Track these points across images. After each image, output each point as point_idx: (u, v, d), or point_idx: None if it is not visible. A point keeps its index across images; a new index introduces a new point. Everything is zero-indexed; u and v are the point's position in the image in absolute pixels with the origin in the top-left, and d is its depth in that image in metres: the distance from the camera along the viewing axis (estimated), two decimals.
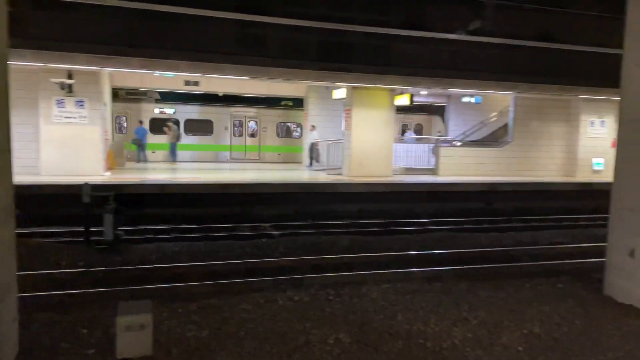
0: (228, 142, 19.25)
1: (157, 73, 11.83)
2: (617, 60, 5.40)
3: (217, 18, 10.15)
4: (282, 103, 20.12)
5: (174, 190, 11.14)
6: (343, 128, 14.75)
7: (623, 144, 5.35)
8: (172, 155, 17.37)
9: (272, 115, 19.70)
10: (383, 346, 4.31)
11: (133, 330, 3.73)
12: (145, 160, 17.14)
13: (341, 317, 4.93)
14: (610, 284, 5.50)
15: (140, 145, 17.05)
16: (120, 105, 17.70)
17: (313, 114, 17.85)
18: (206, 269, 7.02)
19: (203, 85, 16.53)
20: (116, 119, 17.79)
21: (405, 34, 10.73)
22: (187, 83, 16.31)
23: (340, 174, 14.55)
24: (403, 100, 13.94)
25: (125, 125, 18.28)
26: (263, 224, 10.49)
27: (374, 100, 13.80)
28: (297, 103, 19.39)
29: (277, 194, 11.84)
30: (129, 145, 17.00)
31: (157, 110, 18.50)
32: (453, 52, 11.76)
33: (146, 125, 17.83)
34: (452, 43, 11.37)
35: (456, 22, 10.83)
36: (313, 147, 16.69)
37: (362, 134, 13.94)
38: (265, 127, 19.58)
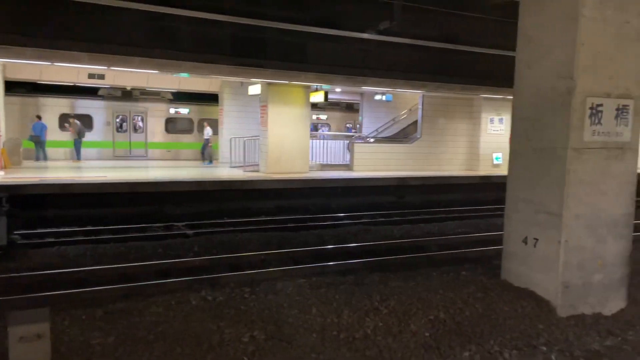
0: (111, 139, 18.21)
1: (59, 64, 11.01)
2: (513, 62, 5.82)
3: (124, 9, 9.64)
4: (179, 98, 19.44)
5: (77, 190, 10.45)
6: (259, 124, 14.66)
7: (516, 139, 5.79)
8: (77, 153, 16.30)
9: (162, 111, 18.91)
10: (297, 340, 4.35)
11: (28, 341, 3.46)
12: (45, 159, 15.92)
13: (256, 314, 4.90)
14: (507, 270, 5.92)
15: (39, 142, 15.80)
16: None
17: (228, 109, 17.56)
18: (114, 273, 6.68)
19: (109, 78, 15.68)
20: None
21: (320, 32, 10.85)
22: (92, 76, 15.38)
23: (257, 171, 14.46)
24: (318, 97, 14.12)
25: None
26: (176, 224, 10.16)
27: (290, 96, 13.85)
28: (207, 98, 18.93)
29: (191, 192, 11.52)
30: (27, 142, 15.70)
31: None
32: (366, 51, 12.08)
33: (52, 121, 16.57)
34: (365, 42, 11.67)
35: (367, 22, 11.12)
36: (206, 144, 16.41)
37: (279, 131, 13.94)
38: (153, 123, 18.74)
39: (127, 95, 18.50)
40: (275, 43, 10.93)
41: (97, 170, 13.92)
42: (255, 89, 14.37)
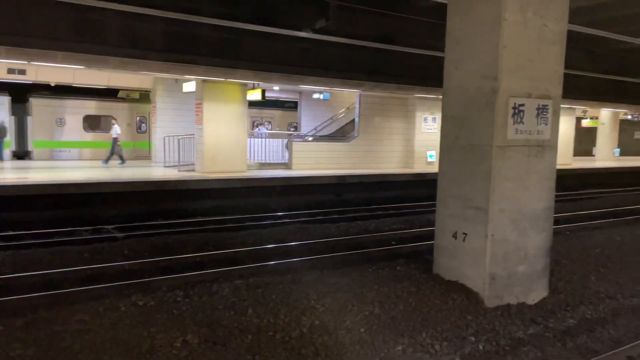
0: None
1: None
2: (443, 63, 6.00)
3: (46, 0, 9.09)
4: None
5: None
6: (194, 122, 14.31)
7: (445, 137, 5.99)
8: None
9: (76, 107, 17.90)
10: (232, 343, 4.27)
11: None
12: None
13: (190, 317, 4.77)
14: (439, 264, 6.11)
15: None
16: None
17: (162, 107, 17.01)
18: (36, 280, 6.27)
19: (31, 74, 14.75)
20: None
21: (256, 29, 10.70)
22: (11, 71, 14.40)
23: (193, 170, 14.11)
24: (255, 95, 13.98)
25: None
26: (106, 226, 9.71)
27: (226, 94, 13.62)
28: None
29: (122, 193, 11.05)
30: None
31: None
32: (303, 50, 12.08)
33: None
34: (302, 40, 11.66)
35: (304, 20, 11.11)
36: (114, 143, 15.71)
37: (215, 129, 13.68)
38: (63, 120, 17.75)
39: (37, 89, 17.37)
40: (209, 39, 10.69)
41: (20, 171, 13.06)
42: (189, 86, 14.01)
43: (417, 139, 17.48)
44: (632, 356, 4.69)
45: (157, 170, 14.42)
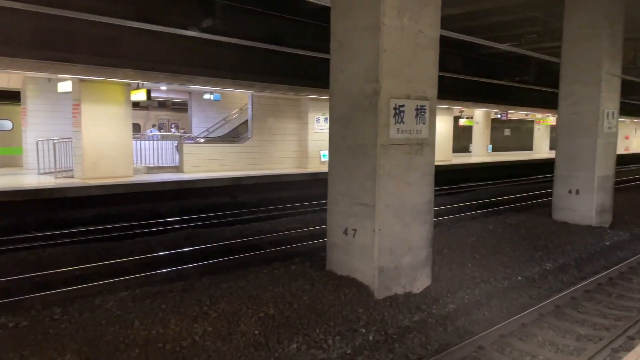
0: None
1: None
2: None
3: None
4: None
5: None
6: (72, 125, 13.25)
7: (333, 137, 6.16)
8: None
9: None
10: (117, 358, 4.02)
11: None
12: None
13: (69, 336, 4.41)
14: (332, 260, 6.26)
15: None
16: None
17: (33, 109, 15.51)
18: None
19: None
20: None
21: (138, 26, 10.15)
22: None
23: (71, 177, 13.05)
24: (140, 95, 13.29)
25: None
26: None
27: (107, 94, 12.79)
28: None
29: None
30: None
31: None
32: (190, 49, 11.67)
33: None
34: (189, 39, 11.26)
35: (190, 19, 10.76)
36: None
37: (95, 132, 12.78)
38: None
39: None
40: (86, 36, 9.93)
41: None
42: (65, 85, 12.93)
43: (310, 139, 17.77)
44: (503, 334, 5.17)
45: (29, 178, 13.13)
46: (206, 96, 16.95)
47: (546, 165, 19.64)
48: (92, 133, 12.73)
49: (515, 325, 5.35)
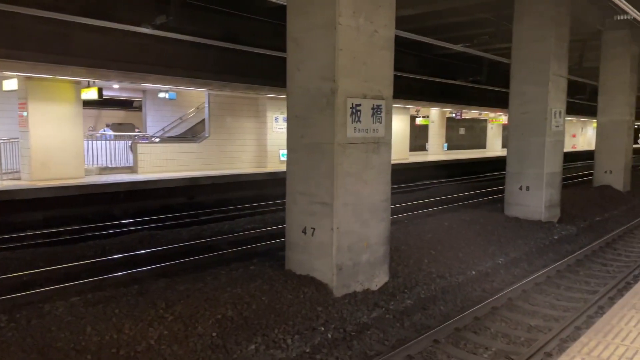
0: None
1: None
2: None
3: None
4: None
5: None
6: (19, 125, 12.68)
7: (291, 136, 6.13)
8: None
9: None
10: None
11: None
12: None
13: (16, 344, 4.21)
14: (291, 259, 6.24)
15: None
16: None
17: None
18: None
19: None
20: None
21: (88, 22, 9.80)
22: None
23: (19, 178, 12.49)
24: (91, 93, 12.86)
25: None
26: None
27: (56, 93, 12.31)
28: None
29: None
30: None
31: None
32: (143, 46, 11.37)
33: None
34: (142, 37, 10.98)
35: (142, 15, 10.49)
36: None
37: (44, 131, 12.28)
38: None
39: None
40: (32, 32, 9.51)
41: None
42: (11, 84, 12.35)
43: (269, 138, 17.69)
44: (458, 327, 5.31)
45: None
46: (161, 94, 16.58)
47: (499, 163, 20.31)
48: (40, 133, 12.22)
49: (470, 319, 5.50)
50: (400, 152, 22.72)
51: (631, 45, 14.87)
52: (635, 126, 21.08)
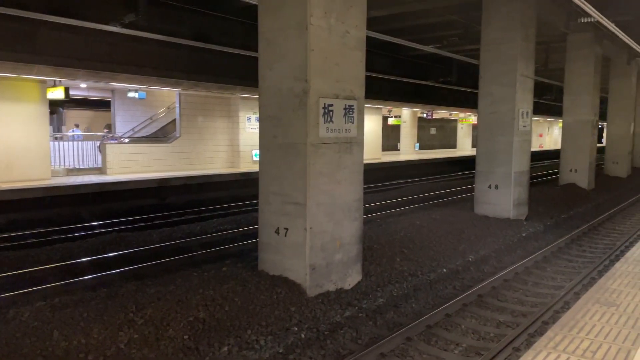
0: None
1: None
2: None
3: None
4: None
5: None
6: None
7: (263, 136, 6.11)
8: None
9: None
10: None
11: None
12: None
13: None
14: (264, 260, 6.22)
15: None
16: None
17: None
18: None
19: None
20: None
21: (54, 20, 9.56)
22: None
23: None
24: (57, 93, 12.53)
25: None
26: None
27: (20, 92, 11.96)
28: None
29: None
30: None
31: None
32: (112, 45, 11.14)
33: None
34: (111, 35, 10.76)
35: (110, 14, 10.28)
36: None
37: (7, 132, 11.91)
38: None
39: None
40: None
41: None
42: None
43: (241, 138, 17.58)
44: (430, 324, 5.38)
45: None
46: (130, 94, 16.28)
47: (468, 162, 20.68)
48: (3, 133, 11.85)
49: (441, 316, 5.58)
50: (373, 152, 22.90)
51: (595, 47, 15.35)
52: (599, 126, 21.80)
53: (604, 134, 22.54)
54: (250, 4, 10.31)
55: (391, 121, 27.72)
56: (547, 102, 28.30)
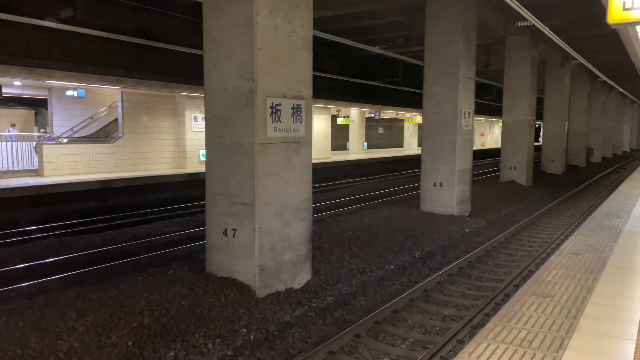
0: None
1: None
2: None
3: None
4: None
5: None
6: None
7: (210, 136, 6.00)
8: None
9: None
10: None
11: None
12: None
13: None
14: (211, 262, 6.12)
15: None
16: None
17: None
18: None
19: None
20: None
21: None
22: None
23: None
24: None
25: None
26: None
27: None
28: None
29: None
30: None
31: None
32: (49, 41, 10.62)
33: None
34: (47, 31, 10.25)
35: (47, 8, 9.79)
36: None
37: None
38: None
39: None
40: None
41: None
42: None
43: (188, 138, 17.21)
44: (378, 321, 5.47)
45: None
46: (69, 92, 15.57)
47: (415, 161, 21.17)
48: None
49: (388, 312, 5.69)
50: (322, 151, 23.02)
51: (532, 50, 16.12)
52: (536, 125, 22.93)
53: (541, 133, 23.69)
54: (196, 1, 10.10)
55: (340, 121, 27.96)
56: (488, 103, 29.46)
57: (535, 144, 18.25)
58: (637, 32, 10.24)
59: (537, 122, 22.71)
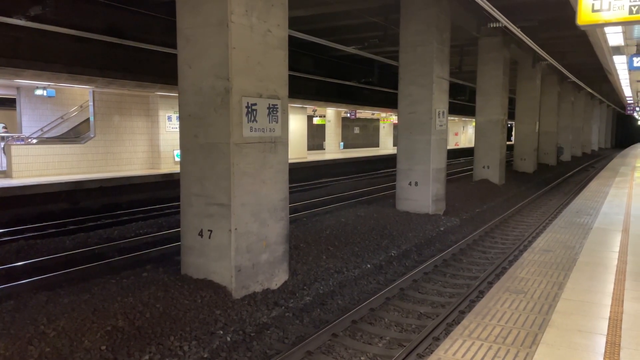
0: None
1: None
2: None
3: None
4: None
5: None
6: None
7: (184, 136, 5.92)
8: None
9: None
10: None
11: None
12: None
13: None
14: (187, 264, 6.04)
15: None
16: None
17: None
18: None
19: None
20: None
21: None
22: None
23: None
24: None
25: None
26: None
27: None
28: None
29: None
30: None
31: None
32: (16, 39, 10.34)
33: None
34: (15, 29, 9.97)
35: (15, 5, 9.52)
36: None
37: None
38: None
39: None
40: None
41: None
42: None
43: (162, 138, 16.96)
44: (355, 320, 5.49)
45: None
46: (38, 92, 15.17)
47: (391, 160, 21.36)
48: None
49: (365, 311, 5.72)
50: (298, 151, 22.99)
51: (503, 51, 16.42)
52: (509, 125, 23.37)
53: (513, 133, 24.16)
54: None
55: (316, 121, 27.99)
56: (462, 103, 29.88)
57: (508, 143, 18.57)
58: (605, 34, 10.54)
59: (509, 122, 23.15)
